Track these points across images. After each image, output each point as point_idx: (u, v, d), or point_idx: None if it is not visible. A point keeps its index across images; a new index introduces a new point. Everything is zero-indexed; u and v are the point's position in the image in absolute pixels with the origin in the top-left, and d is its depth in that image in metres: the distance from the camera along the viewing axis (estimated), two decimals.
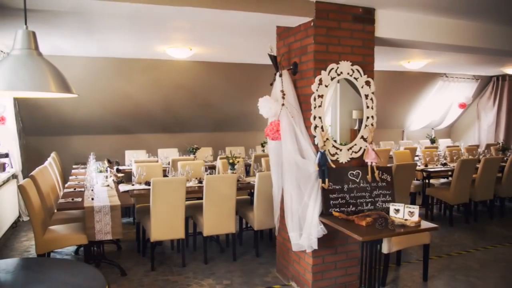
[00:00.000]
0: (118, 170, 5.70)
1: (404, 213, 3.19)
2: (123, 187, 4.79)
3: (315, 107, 3.57)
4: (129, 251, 4.96)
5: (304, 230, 3.52)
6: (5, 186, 5.44)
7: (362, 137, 3.78)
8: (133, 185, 4.94)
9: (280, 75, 3.66)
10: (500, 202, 6.64)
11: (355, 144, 3.77)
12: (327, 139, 3.60)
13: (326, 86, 3.60)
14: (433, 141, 9.06)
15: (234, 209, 4.51)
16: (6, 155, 5.87)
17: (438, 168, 6.46)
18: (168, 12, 3.33)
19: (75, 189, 4.78)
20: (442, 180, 6.93)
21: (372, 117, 3.81)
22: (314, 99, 3.57)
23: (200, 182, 4.99)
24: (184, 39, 5.24)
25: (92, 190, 4.51)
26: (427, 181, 6.56)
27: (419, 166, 6.50)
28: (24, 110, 6.62)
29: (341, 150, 3.70)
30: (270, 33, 4.24)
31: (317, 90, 3.56)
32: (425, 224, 3.21)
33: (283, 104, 3.58)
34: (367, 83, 3.76)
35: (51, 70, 1.86)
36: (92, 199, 4.13)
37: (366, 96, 3.77)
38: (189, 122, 8.12)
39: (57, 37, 4.94)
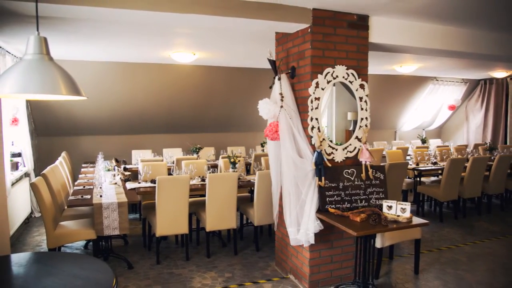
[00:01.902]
0: (125, 169, 5.70)
1: (396, 209, 3.19)
2: (130, 185, 4.79)
3: (312, 109, 3.57)
4: (136, 245, 4.96)
5: (302, 225, 3.53)
6: (18, 184, 5.44)
7: (356, 137, 3.78)
8: (139, 183, 4.94)
9: (279, 79, 3.66)
10: (487, 199, 6.64)
11: (350, 144, 3.77)
12: (323, 139, 3.60)
13: (323, 89, 3.60)
14: (424, 141, 9.06)
15: (235, 205, 4.50)
16: (19, 155, 5.88)
17: (429, 167, 6.47)
18: (172, 19, 3.33)
19: (84, 186, 4.77)
20: (433, 178, 6.93)
21: (366, 118, 3.81)
22: (311, 102, 3.57)
23: (203, 180, 4.99)
24: (187, 44, 5.24)
25: (100, 187, 4.51)
26: (418, 179, 6.56)
27: (410, 165, 6.50)
28: (36, 112, 6.63)
29: (336, 149, 3.70)
30: (269, 38, 4.24)
31: (314, 93, 3.56)
32: (416, 220, 3.21)
33: (281, 106, 3.58)
34: (362, 86, 3.76)
35: (61, 74, 1.86)
36: (101, 196, 4.13)
37: (361, 98, 3.77)
38: (192, 123, 8.12)
39: (67, 43, 4.94)
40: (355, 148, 3.78)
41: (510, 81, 9.30)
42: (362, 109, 3.78)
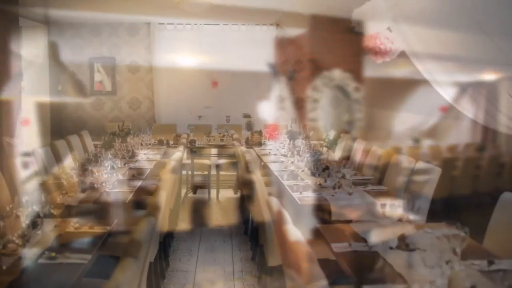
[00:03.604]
0: (131, 168, 5.68)
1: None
2: (135, 183, 4.78)
3: (310, 111, 3.57)
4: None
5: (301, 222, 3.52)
6: (28, 183, 5.43)
7: (353, 137, 3.78)
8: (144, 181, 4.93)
9: (279, 82, 3.66)
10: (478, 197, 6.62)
11: (347, 144, 3.77)
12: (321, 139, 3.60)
13: (320, 92, 3.60)
14: (417, 141, 9.03)
15: (238, 202, 4.50)
16: (30, 154, 5.87)
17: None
18: (176, 24, 3.33)
19: (91, 185, 4.76)
20: None
21: (362, 119, 3.81)
22: (309, 103, 3.57)
23: (207, 178, 4.99)
24: (191, 48, 5.24)
25: (107, 186, 4.50)
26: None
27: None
28: (46, 113, 6.61)
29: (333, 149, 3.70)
30: (270, 43, 4.24)
31: (312, 95, 3.56)
32: (409, 217, 3.20)
33: (281, 108, 3.58)
34: (357, 88, 3.76)
35: (71, 76, 1.87)
36: (107, 193, 4.12)
37: (356, 100, 3.77)
38: (195, 124, 8.10)
39: (76, 47, 4.94)
40: (351, 147, 3.78)
41: (501, 84, 9.29)
42: (357, 110, 3.78)
